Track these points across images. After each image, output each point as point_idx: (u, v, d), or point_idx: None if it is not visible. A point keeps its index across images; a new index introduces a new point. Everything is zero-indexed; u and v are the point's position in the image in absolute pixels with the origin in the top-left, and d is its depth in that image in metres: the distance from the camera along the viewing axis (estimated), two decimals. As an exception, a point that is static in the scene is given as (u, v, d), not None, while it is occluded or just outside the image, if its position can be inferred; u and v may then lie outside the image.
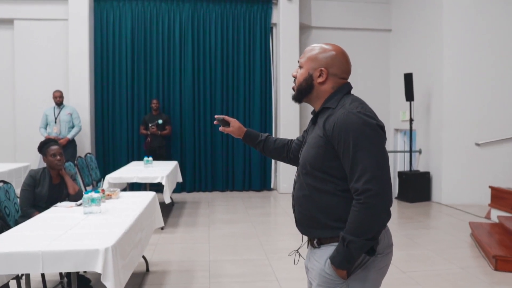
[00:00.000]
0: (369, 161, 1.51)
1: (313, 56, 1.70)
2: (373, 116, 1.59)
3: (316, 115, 1.73)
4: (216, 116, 2.08)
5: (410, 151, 7.53)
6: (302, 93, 1.73)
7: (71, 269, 2.31)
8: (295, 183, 1.77)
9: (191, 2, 8.04)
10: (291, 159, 2.03)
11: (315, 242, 1.69)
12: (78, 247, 2.34)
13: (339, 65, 1.69)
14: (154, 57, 8.00)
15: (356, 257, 1.55)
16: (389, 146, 8.78)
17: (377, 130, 1.56)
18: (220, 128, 2.09)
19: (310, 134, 1.74)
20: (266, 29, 8.25)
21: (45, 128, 7.11)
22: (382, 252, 1.64)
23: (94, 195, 3.15)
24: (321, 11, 8.58)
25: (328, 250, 1.64)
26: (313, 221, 1.67)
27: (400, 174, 7.43)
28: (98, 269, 2.28)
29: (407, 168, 7.75)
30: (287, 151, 2.04)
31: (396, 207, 6.96)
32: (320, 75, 1.69)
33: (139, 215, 3.16)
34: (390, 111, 8.77)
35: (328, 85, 1.69)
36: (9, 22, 7.66)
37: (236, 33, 8.19)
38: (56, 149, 3.65)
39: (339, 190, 1.60)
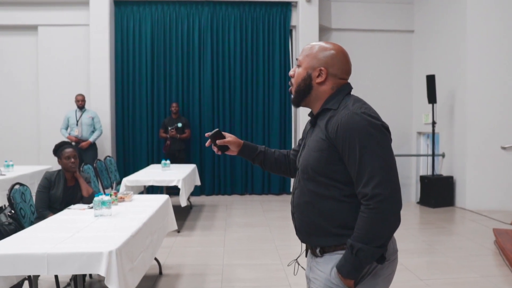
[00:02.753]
0: (377, 163, 1.44)
1: (312, 55, 1.62)
2: (377, 117, 1.52)
3: (315, 117, 1.65)
4: (207, 134, 1.87)
5: (433, 155, 7.33)
6: (301, 94, 1.65)
7: (76, 271, 2.32)
8: (294, 189, 1.68)
9: (210, 5, 8.07)
10: (292, 172, 1.91)
11: (317, 251, 1.61)
12: (82, 249, 2.34)
13: (339, 65, 1.62)
14: (174, 61, 8.06)
15: (366, 265, 1.49)
16: (411, 149, 8.58)
17: (382, 131, 1.49)
18: (216, 147, 1.87)
19: (310, 137, 1.65)
20: (285, 32, 8.20)
21: (66, 129, 7.26)
22: (389, 258, 1.56)
23: (104, 198, 3.17)
24: (342, 13, 8.47)
25: (332, 258, 1.56)
26: (315, 228, 1.59)
27: (423, 178, 7.24)
28: (102, 272, 2.28)
29: (429, 172, 7.55)
30: (289, 163, 1.92)
31: (417, 212, 6.79)
32: (319, 75, 1.61)
33: (149, 218, 3.15)
34: (413, 113, 8.58)
35: (327, 86, 1.62)
36: (33, 28, 7.86)
37: (255, 36, 8.18)
38: (70, 151, 3.70)
39: (344, 196, 1.53)
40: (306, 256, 1.71)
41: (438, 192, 6.95)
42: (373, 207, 1.43)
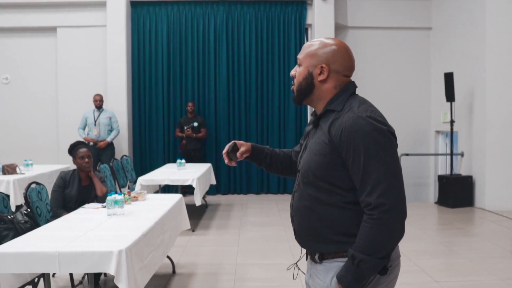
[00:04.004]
0: (382, 171, 1.38)
1: (312, 52, 1.55)
2: (383, 121, 1.45)
3: (318, 117, 1.57)
4: (225, 152, 1.72)
5: (451, 154, 7.20)
6: (302, 93, 1.57)
7: (86, 270, 2.35)
8: (294, 192, 1.62)
9: (225, 5, 8.09)
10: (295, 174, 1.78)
11: (316, 257, 1.55)
12: (93, 248, 2.37)
13: (341, 61, 1.54)
14: (190, 61, 8.10)
15: (367, 277, 1.43)
16: (429, 148, 8.44)
17: (388, 136, 1.42)
18: (234, 161, 1.74)
19: (312, 139, 1.57)
20: (301, 30, 8.16)
21: (84, 129, 7.37)
22: (391, 264, 1.49)
23: (117, 197, 3.20)
24: (358, 11, 8.38)
25: (332, 266, 1.50)
26: (315, 234, 1.53)
27: (441, 178, 7.11)
28: (112, 271, 2.30)
29: (448, 172, 7.41)
30: (292, 164, 1.82)
31: (435, 212, 6.67)
32: (320, 73, 1.53)
33: (160, 218, 3.17)
34: (431, 112, 8.43)
35: (330, 84, 1.54)
36: (52, 30, 7.99)
37: (271, 34, 8.16)
38: (84, 151, 3.75)
39: (345, 202, 1.47)
40: (306, 259, 1.67)
41: (457, 192, 6.82)
42: (377, 217, 1.38)
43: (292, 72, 1.62)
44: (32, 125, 8.16)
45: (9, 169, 5.67)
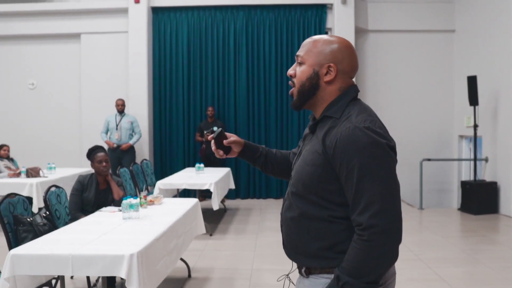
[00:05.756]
0: (377, 189, 1.27)
1: (318, 50, 1.41)
2: (383, 133, 1.32)
3: (316, 123, 1.45)
4: (210, 137, 1.64)
5: (475, 159, 7.02)
6: (305, 96, 1.43)
7: (98, 273, 2.38)
8: (284, 200, 1.52)
9: (245, 10, 8.12)
10: None
11: (303, 270, 1.46)
12: (105, 252, 2.40)
13: (348, 60, 1.41)
14: (210, 65, 8.16)
15: None
16: (453, 154, 8.26)
17: (387, 151, 1.30)
18: (221, 150, 1.64)
19: (306, 146, 1.46)
20: (321, 34, 8.09)
21: (106, 133, 7.51)
22: (384, 283, 1.38)
23: (132, 201, 3.23)
24: (378, 14, 8.29)
25: (318, 282, 1.41)
26: (301, 247, 1.43)
27: (464, 184, 6.94)
28: (123, 275, 2.32)
29: (472, 178, 7.23)
30: (290, 166, 1.67)
31: (458, 219, 6.51)
32: (327, 73, 1.40)
33: (174, 222, 3.19)
34: (454, 116, 8.25)
35: (335, 86, 1.41)
36: (76, 36, 8.19)
37: (290, 39, 8.14)
38: (102, 155, 3.81)
39: (335, 217, 1.36)
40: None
41: (481, 198, 6.63)
42: (367, 239, 1.26)
43: (291, 71, 1.47)
44: (56, 129, 8.36)
45: (33, 172, 5.81)
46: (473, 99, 6.84)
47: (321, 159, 1.35)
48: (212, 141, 1.63)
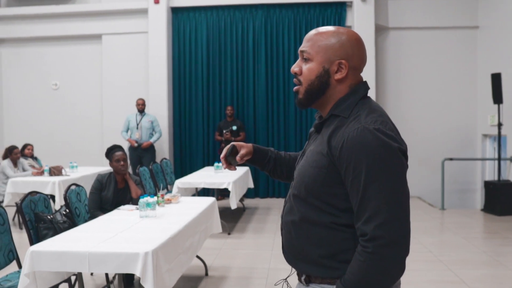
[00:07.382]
0: (385, 198, 1.17)
1: (327, 45, 1.29)
2: (394, 136, 1.22)
3: (322, 122, 1.35)
4: (222, 156, 1.52)
5: (499, 159, 6.85)
6: (313, 95, 1.33)
7: (114, 270, 2.41)
8: (285, 202, 1.43)
9: (264, 8, 8.11)
10: None
11: (302, 278, 1.38)
12: (121, 249, 2.43)
13: (358, 54, 1.31)
14: (229, 65, 8.19)
15: None
16: (476, 153, 8.08)
17: (398, 155, 1.20)
18: (233, 166, 1.55)
19: (311, 146, 1.37)
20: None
21: (126, 132, 7.61)
22: None
23: (149, 199, 3.27)
24: (399, 11, 8.16)
25: None
26: (301, 254, 1.34)
27: (487, 184, 6.78)
28: (137, 272, 2.35)
29: (495, 177, 7.06)
30: None
31: (481, 220, 6.36)
32: (338, 70, 1.30)
33: (190, 221, 3.21)
34: (477, 114, 8.07)
35: (346, 83, 1.31)
36: (98, 37, 8.34)
37: (310, 37, 8.08)
38: (120, 155, 3.87)
39: (338, 224, 1.27)
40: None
41: (505, 198, 6.47)
42: (372, 252, 1.17)
43: (295, 69, 1.36)
44: (79, 129, 8.53)
45: (55, 171, 5.95)
46: (497, 97, 6.68)
47: (325, 161, 1.26)
48: (223, 160, 1.53)
